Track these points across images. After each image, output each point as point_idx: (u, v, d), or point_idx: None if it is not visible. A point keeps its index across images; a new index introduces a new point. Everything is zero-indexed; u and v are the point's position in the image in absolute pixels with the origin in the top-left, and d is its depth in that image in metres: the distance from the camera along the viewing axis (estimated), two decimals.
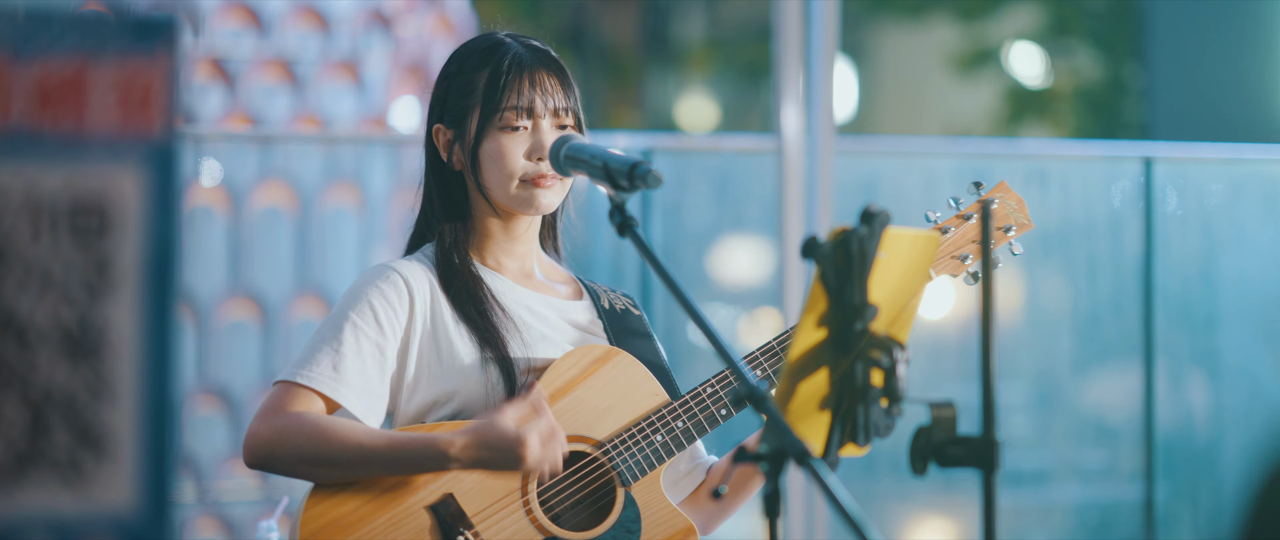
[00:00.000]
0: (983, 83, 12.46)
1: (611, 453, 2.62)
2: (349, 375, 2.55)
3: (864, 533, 1.92)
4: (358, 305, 2.59)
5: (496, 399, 2.59)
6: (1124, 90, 12.16)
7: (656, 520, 2.62)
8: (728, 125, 14.11)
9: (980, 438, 2.02)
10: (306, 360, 2.57)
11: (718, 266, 6.44)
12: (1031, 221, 2.83)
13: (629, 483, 2.61)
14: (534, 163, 2.63)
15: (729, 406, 2.64)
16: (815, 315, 2.09)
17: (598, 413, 2.62)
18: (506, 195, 2.63)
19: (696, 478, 2.78)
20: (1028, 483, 6.15)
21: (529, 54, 2.67)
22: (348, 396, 2.55)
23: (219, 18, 6.01)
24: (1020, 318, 6.08)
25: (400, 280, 2.61)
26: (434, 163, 2.70)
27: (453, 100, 2.66)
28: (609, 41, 13.26)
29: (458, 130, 2.66)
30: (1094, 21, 12.30)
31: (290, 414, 2.53)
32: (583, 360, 2.63)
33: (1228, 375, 5.97)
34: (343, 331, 2.57)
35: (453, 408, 2.59)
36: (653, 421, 2.63)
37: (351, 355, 2.56)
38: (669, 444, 2.63)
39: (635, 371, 2.65)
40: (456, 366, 2.60)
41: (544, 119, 2.64)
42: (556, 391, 2.60)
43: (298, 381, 2.55)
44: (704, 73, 14.22)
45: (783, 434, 2.00)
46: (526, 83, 2.64)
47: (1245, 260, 5.95)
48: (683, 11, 13.87)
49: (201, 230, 5.46)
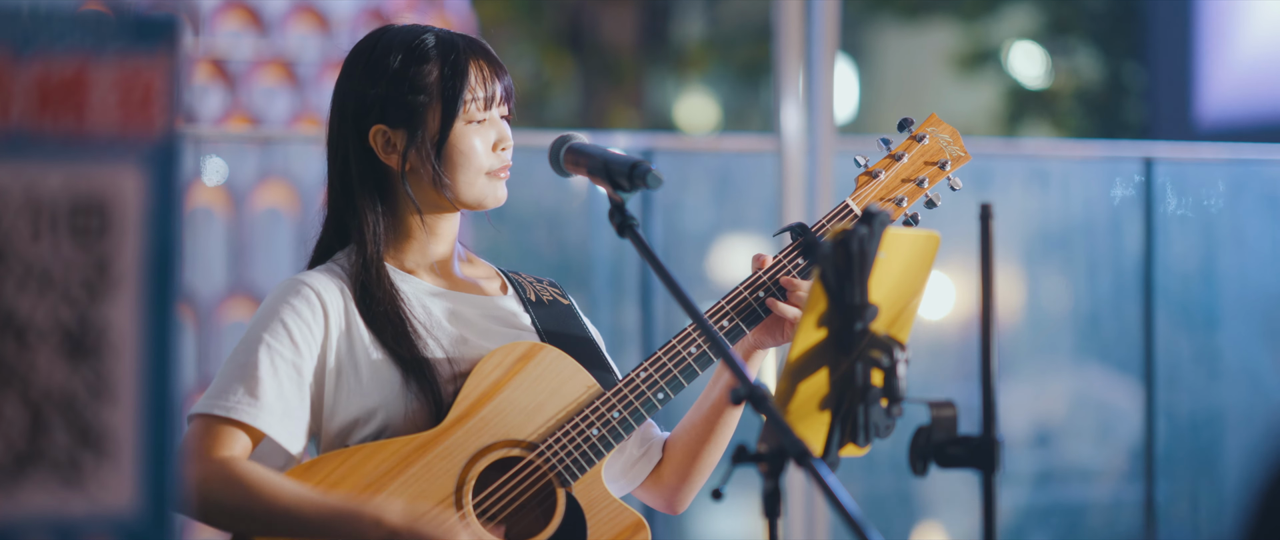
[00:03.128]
0: (983, 83, 12.46)
1: (546, 453, 2.50)
2: (267, 400, 2.44)
3: (864, 533, 1.92)
4: (271, 325, 2.48)
5: (418, 414, 2.49)
6: (1124, 90, 12.16)
7: (602, 519, 2.51)
8: (728, 125, 14.10)
9: (980, 438, 2.02)
10: (222, 390, 2.45)
11: (718, 266, 6.43)
12: (968, 153, 2.71)
13: (568, 483, 2.50)
14: (498, 154, 2.57)
15: (666, 390, 2.53)
16: (815, 315, 2.09)
17: (526, 413, 2.51)
18: (474, 191, 2.55)
19: (652, 458, 2.69)
20: (1028, 483, 6.15)
21: (470, 43, 2.58)
22: (269, 423, 2.44)
23: (219, 18, 6.01)
24: (1020, 318, 6.08)
25: (313, 295, 2.50)
26: (363, 166, 2.57)
27: (397, 98, 2.54)
28: (609, 41, 13.26)
29: (411, 129, 2.54)
30: (1094, 21, 12.30)
31: (212, 461, 2.42)
32: (505, 360, 2.51)
33: (1228, 375, 5.97)
34: (257, 355, 2.45)
35: (376, 425, 2.49)
36: (586, 415, 2.51)
37: (268, 379, 2.44)
38: (606, 437, 2.51)
39: (563, 365, 2.53)
40: (376, 382, 2.49)
41: (497, 109, 2.58)
42: (482, 395, 2.50)
43: (214, 414, 2.44)
44: (704, 73, 14.21)
45: (783, 434, 2.00)
46: (484, 72, 2.56)
47: (1245, 260, 5.95)
48: (683, 11, 13.86)
49: (201, 230, 5.46)
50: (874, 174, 2.68)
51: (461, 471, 2.49)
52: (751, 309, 2.60)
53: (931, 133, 2.71)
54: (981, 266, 2.05)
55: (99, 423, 1.42)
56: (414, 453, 2.47)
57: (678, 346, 2.56)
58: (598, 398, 2.54)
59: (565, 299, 2.73)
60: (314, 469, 2.46)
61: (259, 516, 2.41)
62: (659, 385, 2.54)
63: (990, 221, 2.04)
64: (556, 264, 5.59)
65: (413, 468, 2.47)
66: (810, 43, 5.16)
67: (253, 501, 2.41)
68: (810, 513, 5.11)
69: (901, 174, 2.68)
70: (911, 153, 2.70)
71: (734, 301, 2.60)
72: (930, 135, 2.70)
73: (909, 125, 2.70)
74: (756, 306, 2.60)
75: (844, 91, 12.77)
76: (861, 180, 2.68)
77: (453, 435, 2.49)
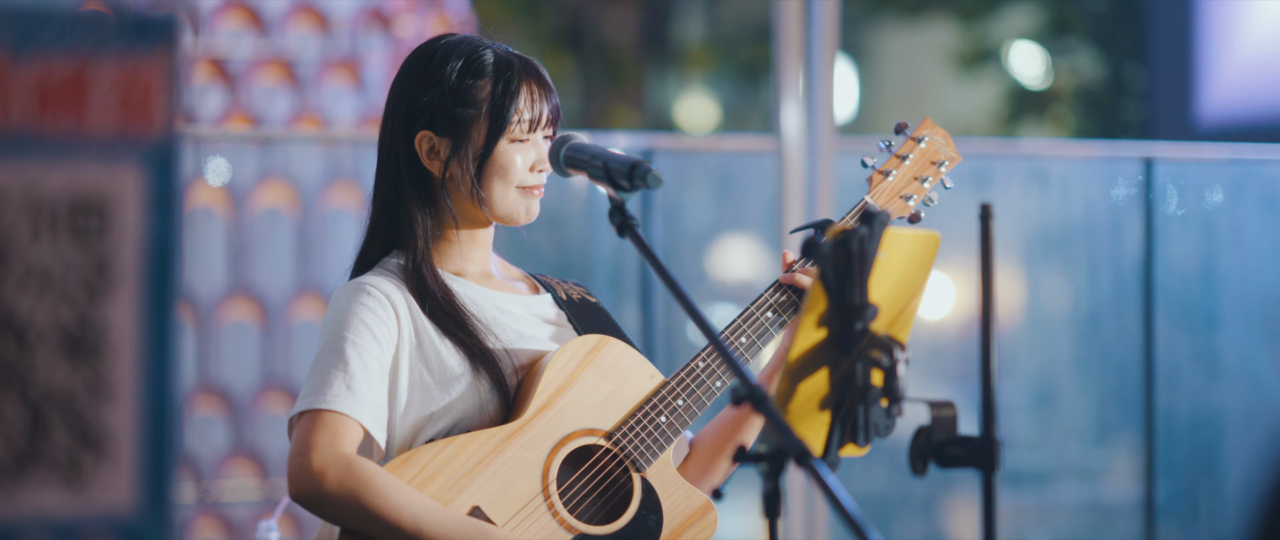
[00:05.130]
0: (983, 83, 12.46)
1: (621, 441, 2.64)
2: (362, 393, 2.53)
3: (864, 533, 1.92)
4: (351, 325, 2.56)
5: (490, 407, 2.60)
6: (1124, 90, 12.16)
7: (676, 500, 2.65)
8: (728, 125, 14.10)
9: (980, 438, 2.02)
10: (319, 387, 2.53)
11: (718, 266, 6.44)
12: (958, 154, 2.85)
13: (643, 468, 2.63)
14: (536, 174, 2.66)
15: (723, 378, 2.66)
16: (815, 315, 2.09)
17: (601, 403, 2.64)
18: (506, 204, 2.65)
19: (681, 453, 2.79)
20: (1028, 483, 6.15)
21: (525, 65, 2.67)
22: (366, 414, 2.53)
23: (219, 18, 6.01)
24: (1020, 318, 6.08)
25: (381, 295, 2.59)
26: (412, 171, 2.66)
27: (448, 108, 2.63)
28: (609, 41, 13.26)
29: (456, 140, 2.63)
30: (1094, 21, 12.30)
31: (339, 457, 2.49)
32: (578, 353, 2.64)
33: (1228, 375, 5.97)
34: (345, 352, 2.54)
35: (448, 421, 2.59)
36: (654, 403, 2.65)
37: (360, 373, 2.53)
38: (673, 423, 2.65)
39: (628, 357, 2.68)
40: (448, 379, 2.59)
41: (541, 131, 2.67)
42: (560, 387, 2.62)
43: (317, 408, 2.51)
44: (704, 73, 14.22)
45: (783, 434, 2.00)
46: (537, 95, 2.66)
47: (1245, 260, 5.95)
48: (683, 11, 13.86)
49: (201, 230, 5.46)
50: (886, 172, 2.80)
51: (546, 460, 2.61)
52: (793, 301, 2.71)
53: (928, 135, 2.84)
54: (981, 266, 2.05)
55: (99, 423, 1.42)
56: (502, 443, 2.58)
57: (730, 336, 2.69)
58: (663, 386, 2.67)
59: (592, 297, 2.84)
60: (410, 463, 2.54)
61: (381, 522, 2.49)
62: (717, 373, 2.67)
63: (990, 221, 2.04)
64: (557, 264, 5.59)
65: (502, 457, 2.58)
66: (810, 43, 5.16)
67: (378, 507, 2.48)
68: (810, 513, 5.12)
69: (910, 173, 2.81)
70: (914, 153, 2.82)
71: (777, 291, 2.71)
72: (928, 138, 2.84)
73: (905, 129, 2.83)
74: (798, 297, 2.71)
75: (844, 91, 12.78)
76: (874, 179, 2.81)
77: (536, 426, 2.60)
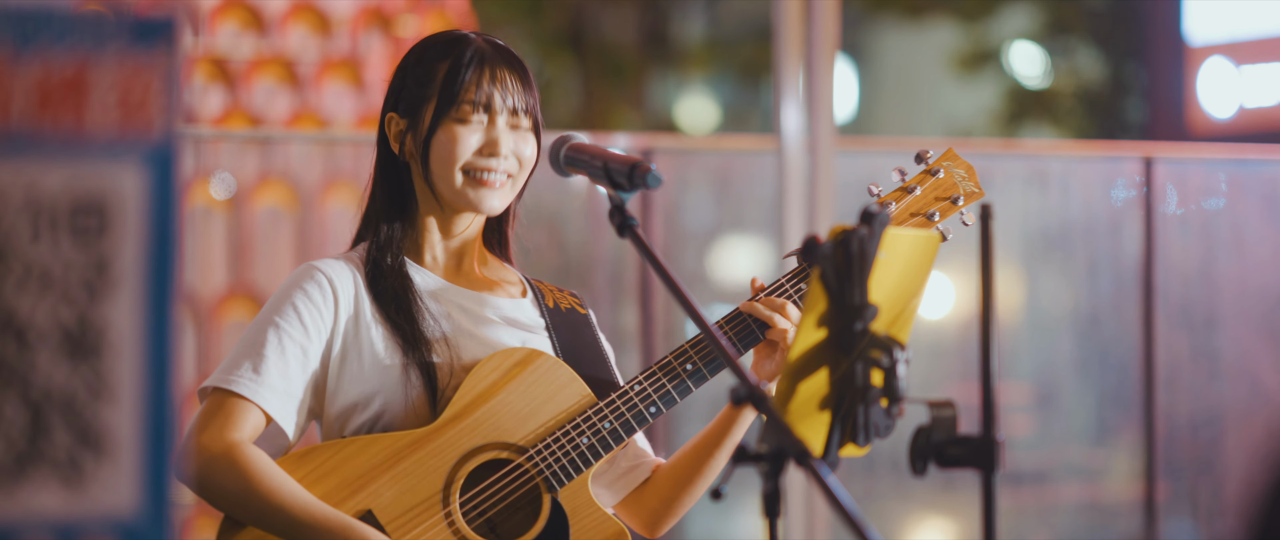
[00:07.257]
0: (983, 83, 12.46)
1: (535, 458, 2.54)
2: (270, 378, 2.50)
3: (864, 533, 1.92)
4: (282, 308, 2.55)
5: (416, 403, 2.55)
6: (1124, 90, 12.17)
7: (586, 526, 2.55)
8: (728, 125, 14.11)
9: (980, 438, 2.02)
10: (229, 366, 2.52)
11: (718, 266, 6.44)
12: (981, 189, 2.69)
13: (555, 489, 2.54)
14: (484, 158, 2.58)
15: (659, 404, 2.57)
16: (815, 315, 2.09)
17: (520, 417, 2.55)
18: (451, 189, 2.58)
19: (640, 475, 2.72)
20: (1028, 483, 6.16)
21: (491, 50, 2.62)
22: (269, 400, 2.50)
23: (219, 17, 6.01)
24: (1020, 318, 6.08)
25: (324, 280, 2.57)
26: (384, 154, 2.65)
27: (409, 89, 2.61)
28: (609, 41, 13.27)
29: (411, 120, 2.60)
30: (1094, 21, 12.31)
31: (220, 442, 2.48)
32: (503, 364, 2.56)
33: (1228, 376, 5.97)
34: (266, 334, 2.53)
35: (374, 410, 2.55)
36: (578, 424, 2.56)
37: (274, 358, 2.51)
38: (595, 446, 2.55)
39: (559, 373, 2.58)
40: (377, 368, 2.55)
41: (501, 116, 2.59)
42: (477, 397, 2.54)
43: (219, 386, 2.51)
44: (704, 73, 14.23)
45: (783, 434, 2.00)
46: (487, 77, 2.59)
47: (1245, 260, 5.95)
48: (683, 11, 13.87)
49: (201, 230, 5.46)
50: (886, 205, 2.67)
51: (451, 470, 2.53)
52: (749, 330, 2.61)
53: (947, 167, 2.69)
54: (981, 266, 2.05)
55: (99, 423, 1.42)
56: (406, 448, 2.51)
57: (674, 362, 2.60)
58: (590, 407, 2.57)
59: (583, 309, 2.76)
60: (306, 459, 2.51)
61: (253, 507, 2.46)
62: (651, 399, 2.58)
63: (990, 221, 2.04)
64: (557, 264, 5.59)
65: (404, 463, 2.51)
66: (810, 43, 5.16)
67: (251, 492, 2.46)
68: (810, 513, 5.12)
69: (913, 207, 2.68)
70: (925, 186, 2.69)
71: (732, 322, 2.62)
72: (945, 170, 2.69)
73: (926, 158, 2.70)
74: (754, 327, 2.61)
75: (844, 92, 12.78)
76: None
77: (445, 434, 2.53)
